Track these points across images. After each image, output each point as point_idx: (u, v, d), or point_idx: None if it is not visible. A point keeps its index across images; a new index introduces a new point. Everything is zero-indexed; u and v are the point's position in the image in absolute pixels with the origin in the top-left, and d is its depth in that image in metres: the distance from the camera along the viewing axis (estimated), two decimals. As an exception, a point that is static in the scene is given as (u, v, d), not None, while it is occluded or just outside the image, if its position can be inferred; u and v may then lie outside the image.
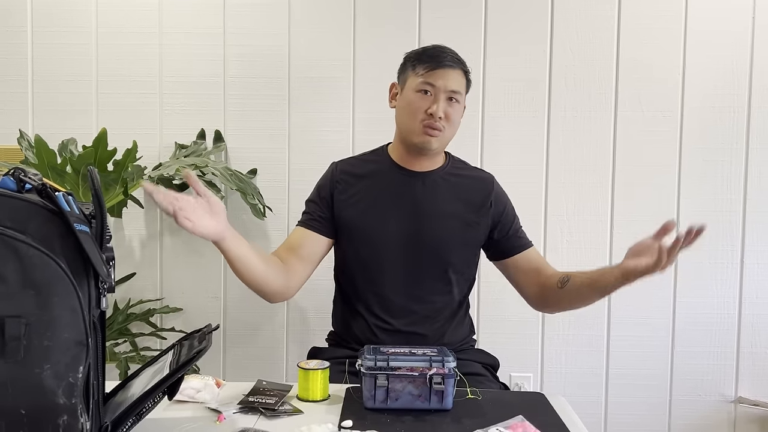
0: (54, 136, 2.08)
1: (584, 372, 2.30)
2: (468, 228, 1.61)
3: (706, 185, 2.26)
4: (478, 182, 1.66)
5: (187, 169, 1.47)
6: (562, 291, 1.55)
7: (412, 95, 1.54)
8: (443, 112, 1.52)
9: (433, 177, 1.62)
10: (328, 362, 1.31)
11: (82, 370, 0.87)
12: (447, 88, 1.53)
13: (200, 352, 1.02)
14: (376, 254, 1.59)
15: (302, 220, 1.65)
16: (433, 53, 1.55)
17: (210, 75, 2.29)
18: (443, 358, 1.22)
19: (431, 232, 1.58)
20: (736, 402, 2.29)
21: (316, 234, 1.61)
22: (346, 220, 1.61)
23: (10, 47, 2.29)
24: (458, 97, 1.55)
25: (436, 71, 1.52)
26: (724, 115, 2.24)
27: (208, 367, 2.17)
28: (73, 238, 0.87)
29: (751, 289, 2.27)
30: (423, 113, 1.53)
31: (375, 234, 1.59)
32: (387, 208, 1.59)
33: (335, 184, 1.63)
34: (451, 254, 1.60)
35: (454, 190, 1.62)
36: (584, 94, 2.25)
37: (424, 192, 1.60)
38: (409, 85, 1.56)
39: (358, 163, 1.68)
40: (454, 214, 1.60)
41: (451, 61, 1.55)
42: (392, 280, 1.58)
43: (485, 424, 1.12)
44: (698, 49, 2.24)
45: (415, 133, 1.54)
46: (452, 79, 1.54)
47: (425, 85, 1.53)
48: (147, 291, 2.32)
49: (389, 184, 1.61)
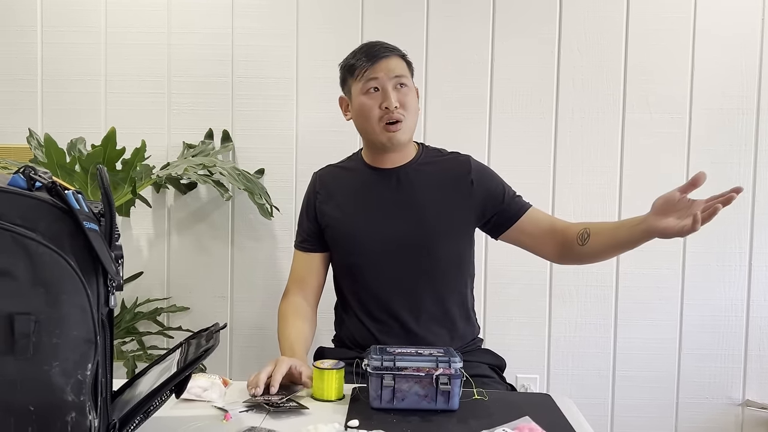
0: (63, 135, 2.09)
1: (591, 374, 2.29)
2: (452, 214, 1.58)
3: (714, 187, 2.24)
4: (454, 164, 1.62)
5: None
6: (584, 248, 1.50)
7: (362, 99, 1.54)
8: (397, 101, 1.51)
9: (406, 170, 1.60)
10: (343, 362, 1.31)
11: (90, 367, 0.87)
12: (392, 79, 1.52)
13: (208, 351, 1.02)
14: (363, 259, 1.58)
15: (297, 242, 1.69)
16: (365, 51, 1.55)
17: (218, 75, 2.29)
18: (450, 359, 1.22)
19: (414, 226, 1.56)
20: (744, 405, 2.28)
21: (313, 255, 1.65)
22: (330, 229, 1.62)
23: (20, 47, 2.30)
24: (405, 80, 1.54)
25: (374, 66, 1.52)
26: (733, 117, 2.23)
27: (215, 366, 2.18)
28: (82, 236, 0.87)
29: (759, 292, 2.26)
30: (378, 110, 1.52)
31: (358, 239, 1.58)
32: (366, 212, 1.59)
33: (316, 195, 1.66)
34: (439, 246, 1.57)
35: (431, 179, 1.59)
36: (592, 96, 2.25)
37: (400, 188, 1.59)
38: (355, 92, 1.56)
39: (335, 170, 1.69)
40: (434, 203, 1.57)
41: (385, 52, 1.54)
42: (384, 282, 1.57)
43: (492, 424, 1.12)
44: (707, 51, 2.23)
45: (378, 134, 1.54)
46: (392, 67, 1.53)
47: (369, 82, 1.52)
48: (154, 290, 2.33)
49: (364, 186, 1.61)
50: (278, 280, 2.28)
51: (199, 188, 2.31)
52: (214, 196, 2.29)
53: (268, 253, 2.31)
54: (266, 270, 2.32)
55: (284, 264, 2.29)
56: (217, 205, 2.31)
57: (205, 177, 2.10)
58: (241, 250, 2.32)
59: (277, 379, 1.27)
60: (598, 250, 1.49)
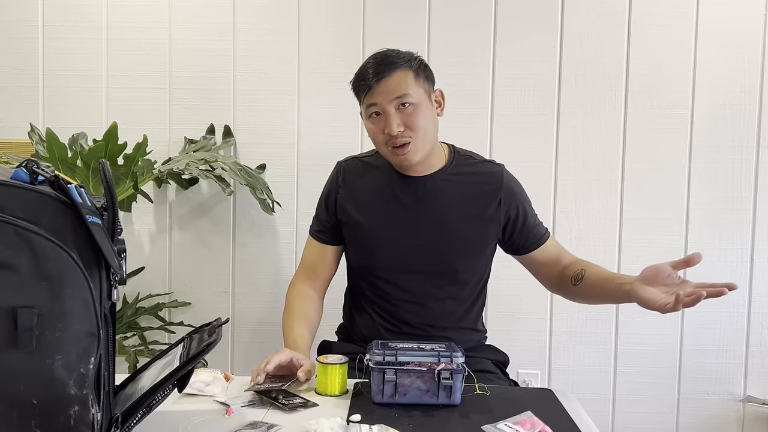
0: (64, 130, 2.09)
1: (592, 369, 2.29)
2: (476, 228, 1.55)
3: (716, 183, 2.25)
4: (485, 177, 1.58)
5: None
6: (575, 288, 1.53)
7: (367, 123, 1.51)
8: (399, 125, 1.44)
9: (435, 180, 1.55)
10: (347, 357, 1.31)
11: (93, 361, 0.87)
12: (391, 100, 1.44)
13: (210, 345, 1.02)
14: (380, 263, 1.56)
15: (314, 230, 1.65)
16: (360, 75, 1.49)
17: (219, 70, 2.29)
18: (451, 354, 1.23)
19: (435, 238, 1.53)
20: (745, 401, 2.28)
21: (328, 246, 1.63)
22: (349, 227, 1.59)
23: (22, 42, 2.30)
24: (408, 98, 1.45)
25: (373, 90, 1.45)
26: (735, 113, 2.23)
27: (217, 361, 2.18)
28: (85, 230, 0.87)
29: (760, 288, 2.26)
30: (382, 136, 1.47)
31: (376, 242, 1.56)
32: (388, 217, 1.55)
33: (338, 189, 1.61)
34: (458, 259, 1.54)
35: (459, 191, 1.55)
36: (594, 91, 2.24)
37: (426, 197, 1.54)
38: (362, 112, 1.52)
39: (361, 165, 1.63)
40: (458, 216, 1.53)
41: (380, 72, 1.45)
42: (399, 289, 1.55)
43: (493, 419, 1.12)
44: (709, 46, 2.22)
45: (389, 156, 1.51)
46: (392, 88, 1.44)
47: (370, 108, 1.48)
48: (156, 285, 2.33)
49: (389, 190, 1.57)
50: (280, 275, 2.28)
51: (201, 183, 2.31)
52: (216, 191, 2.29)
53: (270, 249, 2.31)
54: (268, 265, 2.32)
55: (286, 259, 2.29)
56: (219, 200, 2.31)
57: (207, 172, 2.10)
58: (242, 245, 2.32)
59: (274, 361, 1.28)
60: (586, 294, 1.53)
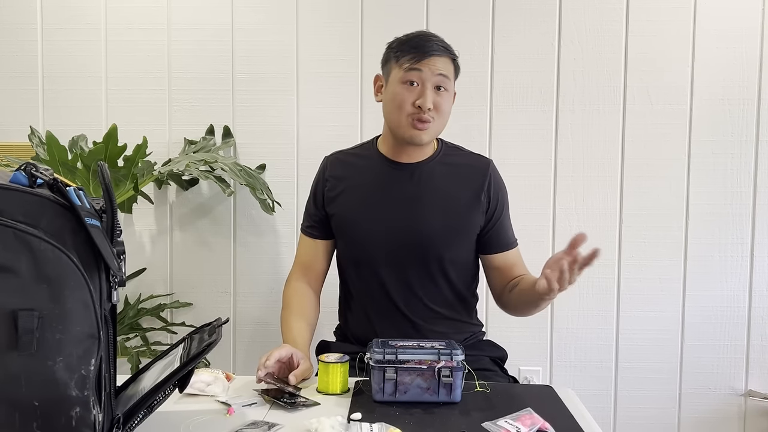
0: (64, 132, 2.09)
1: (593, 365, 2.30)
2: (463, 217, 1.54)
3: (715, 178, 2.25)
4: (474, 166, 1.58)
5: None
6: (509, 295, 1.55)
7: (398, 87, 1.47)
8: (432, 103, 1.45)
9: (423, 168, 1.55)
10: (348, 356, 1.32)
11: (94, 362, 0.88)
12: (434, 78, 1.45)
13: (211, 345, 1.02)
14: (368, 252, 1.55)
15: (304, 227, 1.66)
16: (417, 42, 1.47)
17: (218, 71, 2.29)
18: (452, 351, 1.23)
19: (423, 225, 1.52)
20: (746, 395, 2.28)
21: (319, 241, 1.63)
22: (337, 218, 1.59)
23: (21, 44, 2.31)
24: (447, 85, 1.47)
25: (422, 60, 1.45)
26: (734, 108, 2.23)
27: (218, 361, 2.19)
28: (84, 233, 0.88)
29: (761, 282, 2.26)
30: (410, 106, 1.46)
31: (365, 232, 1.55)
32: (377, 205, 1.55)
33: (325, 182, 1.61)
34: (446, 247, 1.53)
35: (447, 180, 1.55)
36: (592, 87, 2.25)
37: (415, 185, 1.54)
38: (393, 77, 1.49)
39: (348, 158, 1.63)
40: (446, 204, 1.53)
41: (436, 50, 1.46)
42: (387, 277, 1.54)
43: (494, 416, 1.13)
44: (708, 42, 2.22)
45: (403, 127, 1.48)
46: (439, 68, 1.46)
47: (411, 75, 1.45)
48: (157, 286, 2.33)
49: (378, 179, 1.56)
50: (281, 275, 2.27)
51: (201, 184, 2.32)
52: (216, 191, 2.29)
53: (271, 248, 2.32)
54: (269, 265, 2.32)
55: (287, 259, 2.29)
56: (219, 200, 2.32)
57: (207, 173, 2.11)
58: (243, 245, 2.32)
59: (274, 356, 1.29)
60: (513, 302, 1.54)
